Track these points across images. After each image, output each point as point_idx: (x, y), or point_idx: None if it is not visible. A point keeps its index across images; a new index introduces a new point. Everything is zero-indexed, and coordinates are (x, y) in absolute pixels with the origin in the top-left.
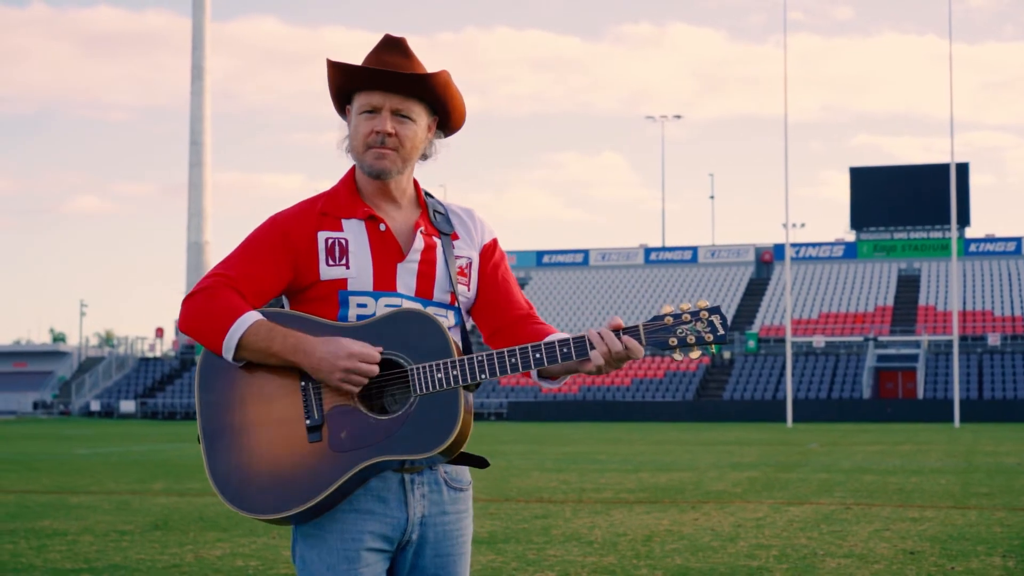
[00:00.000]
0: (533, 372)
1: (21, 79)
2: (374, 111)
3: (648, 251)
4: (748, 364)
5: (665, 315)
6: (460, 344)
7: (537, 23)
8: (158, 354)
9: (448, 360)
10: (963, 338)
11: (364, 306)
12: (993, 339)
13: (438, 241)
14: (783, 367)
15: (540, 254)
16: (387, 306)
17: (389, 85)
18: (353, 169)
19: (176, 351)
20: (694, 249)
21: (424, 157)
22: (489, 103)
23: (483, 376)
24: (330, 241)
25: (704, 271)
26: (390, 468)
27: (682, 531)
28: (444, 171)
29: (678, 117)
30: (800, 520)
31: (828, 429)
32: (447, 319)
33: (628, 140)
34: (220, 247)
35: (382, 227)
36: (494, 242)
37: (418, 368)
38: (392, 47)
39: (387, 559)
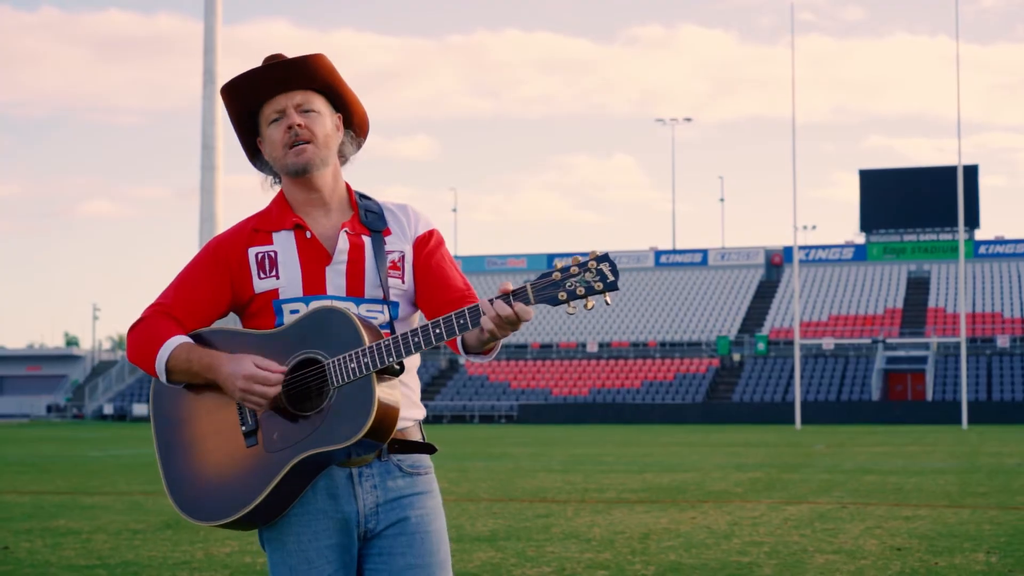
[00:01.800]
0: (460, 349)
1: (33, 84)
2: (280, 115)
3: (658, 254)
4: (758, 366)
5: (554, 271)
6: (380, 336)
7: (547, 25)
8: None
9: (360, 349)
10: (972, 340)
11: (297, 312)
12: (1002, 341)
13: (367, 239)
14: (792, 369)
15: (550, 257)
16: None
17: (280, 83)
18: (282, 189)
19: None
20: (704, 252)
21: (343, 158)
22: (500, 105)
23: (390, 359)
24: (260, 255)
25: (714, 273)
26: (328, 463)
27: (679, 529)
28: (455, 174)
29: (688, 120)
30: (795, 519)
31: (836, 431)
32: (382, 314)
33: (639, 142)
34: None
35: (308, 234)
36: (429, 233)
37: (333, 361)
38: (271, 59)
39: (350, 553)
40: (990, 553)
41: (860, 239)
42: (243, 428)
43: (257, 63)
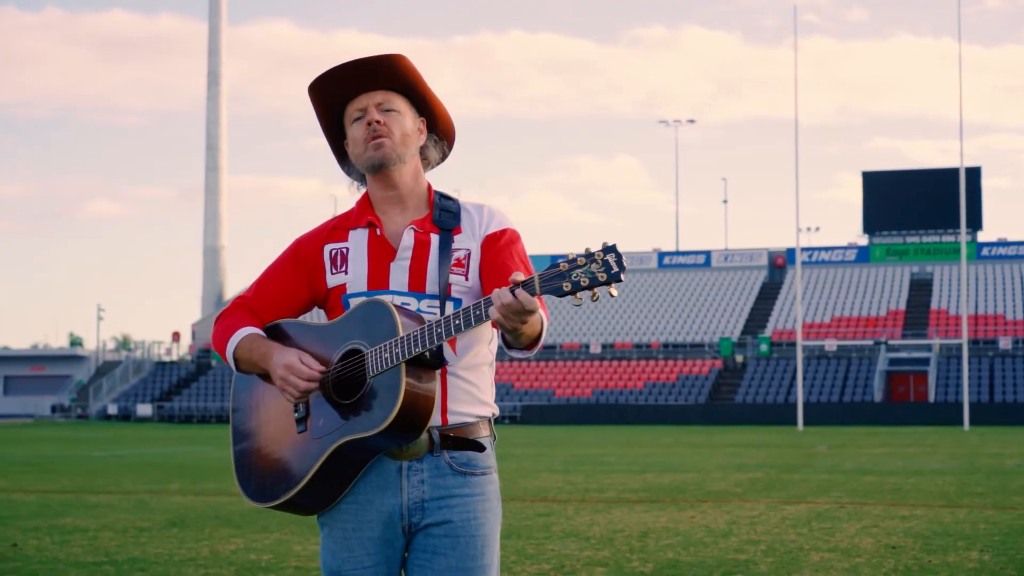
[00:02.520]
0: (503, 346)
1: (36, 84)
2: (362, 113)
3: (661, 255)
4: (760, 368)
5: (562, 261)
6: (419, 326)
7: (550, 26)
8: (174, 358)
9: (394, 339)
10: (974, 342)
11: (355, 306)
12: (1004, 343)
13: (434, 237)
14: (795, 371)
15: (553, 258)
16: None
17: (362, 83)
18: (367, 190)
19: (192, 355)
20: (707, 253)
21: (426, 161)
22: (504, 106)
23: (418, 349)
24: (333, 252)
25: (717, 275)
26: (373, 452)
27: (678, 528)
28: (459, 175)
29: (691, 121)
30: (793, 518)
31: (838, 432)
32: (441, 310)
33: (643, 143)
34: (236, 251)
35: (378, 231)
36: (502, 231)
37: (371, 352)
38: (354, 60)
39: (392, 546)
40: (983, 551)
41: (863, 241)
42: (295, 415)
43: (262, 65)
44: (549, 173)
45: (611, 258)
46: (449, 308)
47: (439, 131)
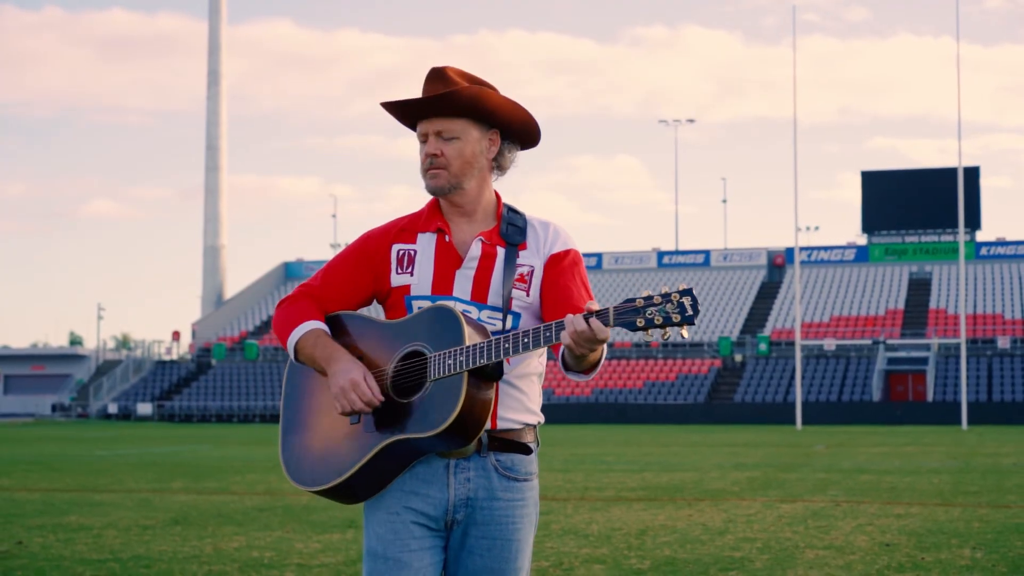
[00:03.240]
0: (561, 366)
1: (36, 84)
2: (424, 138)
3: (661, 254)
4: (759, 367)
5: (638, 297)
6: (485, 338)
7: (550, 26)
8: (175, 357)
9: (459, 347)
10: (973, 341)
11: (422, 308)
12: (1003, 342)
13: (500, 250)
14: (794, 370)
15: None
16: None
17: (420, 112)
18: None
19: (192, 354)
20: (706, 253)
21: (500, 169)
22: None
23: (483, 360)
24: (401, 252)
25: (716, 274)
26: (422, 452)
27: (675, 526)
28: None
29: (691, 121)
30: (789, 516)
31: (837, 431)
32: (501, 323)
33: (643, 143)
34: (236, 251)
35: (447, 238)
36: (566, 252)
37: (434, 356)
38: (433, 78)
39: (436, 536)
40: (976, 549)
41: (862, 240)
42: None
43: (262, 64)
44: (549, 173)
45: (687, 301)
46: (509, 321)
47: (516, 133)
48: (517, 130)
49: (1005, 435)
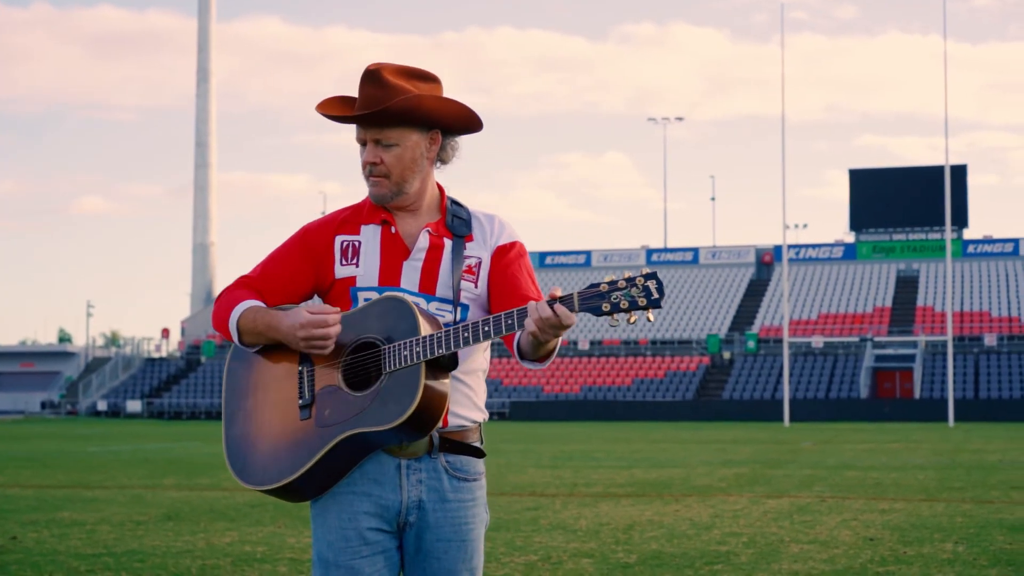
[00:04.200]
0: (516, 354)
1: (26, 80)
2: (362, 143)
3: (649, 252)
4: (748, 364)
5: (603, 282)
6: (439, 329)
7: (539, 23)
8: (164, 354)
9: (415, 338)
10: (960, 338)
11: (369, 300)
12: (989, 339)
13: (448, 242)
14: (782, 367)
15: (543, 255)
16: None
17: (360, 122)
18: None
19: (182, 351)
20: (695, 250)
21: (443, 161)
22: (494, 103)
23: (441, 350)
24: (345, 243)
25: (705, 272)
26: (375, 446)
27: (663, 521)
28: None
29: (680, 119)
30: (774, 511)
31: (824, 428)
32: (450, 314)
33: (633, 140)
34: (226, 248)
35: (393, 229)
36: (511, 244)
37: (389, 348)
38: (368, 80)
39: (389, 538)
40: (958, 543)
41: (850, 238)
42: (299, 401)
43: (251, 61)
44: (539, 170)
45: (652, 284)
46: (459, 313)
47: (456, 129)
48: (457, 126)
49: (991, 432)
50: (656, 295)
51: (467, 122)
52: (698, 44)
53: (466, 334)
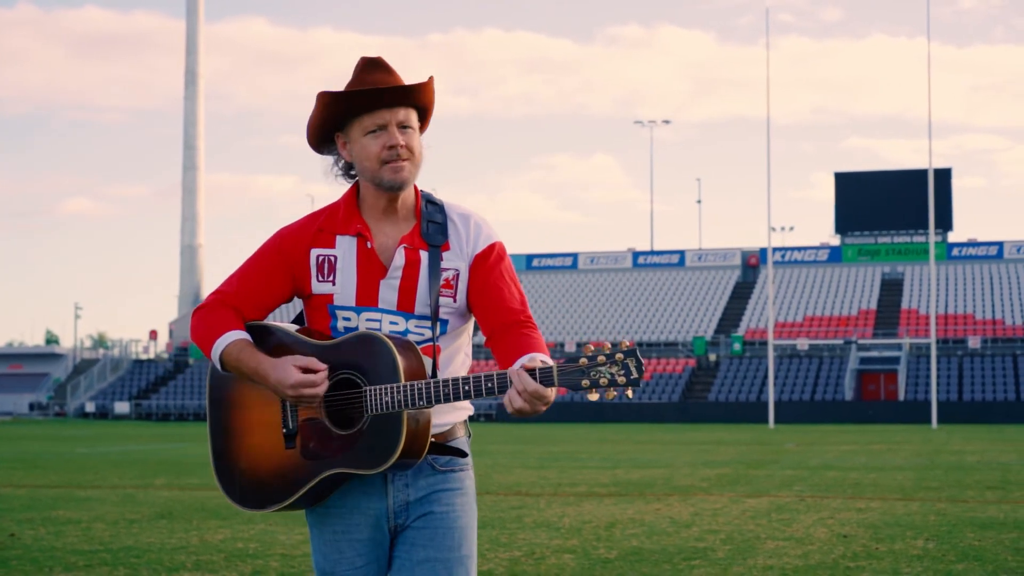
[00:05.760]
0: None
1: (12, 81)
2: (380, 129)
3: (636, 255)
4: (733, 366)
5: (581, 356)
6: (419, 366)
7: (525, 25)
8: (152, 356)
9: (395, 385)
10: (944, 341)
11: (348, 319)
12: (973, 342)
13: (424, 255)
14: (767, 370)
15: (529, 257)
16: (368, 320)
17: (392, 101)
18: (355, 186)
19: (170, 353)
20: (681, 253)
21: None
22: (480, 105)
23: (422, 403)
24: (320, 258)
25: (691, 275)
26: (359, 478)
27: (643, 519)
28: (435, 174)
29: (667, 122)
30: (753, 510)
31: (809, 430)
32: (429, 331)
33: (620, 142)
34: (214, 250)
35: (369, 244)
36: (490, 247)
37: (371, 390)
38: (374, 66)
39: (380, 545)
40: (929, 540)
41: (835, 241)
42: (284, 430)
43: (237, 63)
44: (526, 172)
45: (631, 362)
46: (438, 329)
47: (424, 129)
48: (426, 126)
49: (973, 434)
50: (635, 374)
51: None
52: (684, 46)
53: (446, 390)
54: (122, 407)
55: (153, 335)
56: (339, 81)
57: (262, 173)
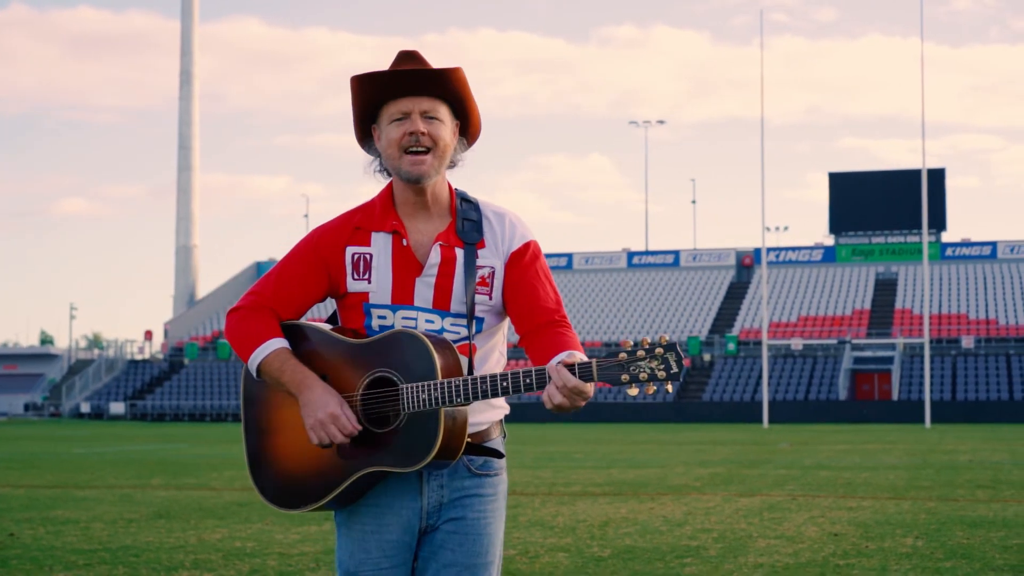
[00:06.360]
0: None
1: (6, 81)
2: (404, 117)
3: (631, 255)
4: (728, 366)
5: (621, 351)
6: (456, 364)
7: (520, 25)
8: (147, 357)
9: (432, 383)
10: (937, 341)
11: (384, 318)
12: (967, 342)
13: (459, 252)
14: (762, 369)
15: None
16: (404, 318)
17: (414, 88)
18: (390, 183)
19: (165, 353)
20: (676, 253)
21: (452, 164)
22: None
23: (459, 400)
24: (356, 256)
25: (685, 275)
26: (395, 475)
27: (637, 518)
28: None
29: (661, 122)
30: (745, 509)
31: (803, 430)
32: (465, 329)
33: (615, 142)
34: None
35: (404, 242)
36: (525, 246)
37: (407, 387)
38: (408, 58)
39: (408, 548)
40: (918, 538)
41: (829, 241)
42: None
43: (231, 63)
44: (521, 172)
45: (671, 357)
46: (474, 327)
47: (468, 133)
48: (472, 131)
49: (966, 433)
50: (675, 368)
51: (479, 122)
52: (679, 46)
53: (484, 387)
54: (117, 407)
55: (148, 335)
56: (338, 81)
57: (257, 173)
